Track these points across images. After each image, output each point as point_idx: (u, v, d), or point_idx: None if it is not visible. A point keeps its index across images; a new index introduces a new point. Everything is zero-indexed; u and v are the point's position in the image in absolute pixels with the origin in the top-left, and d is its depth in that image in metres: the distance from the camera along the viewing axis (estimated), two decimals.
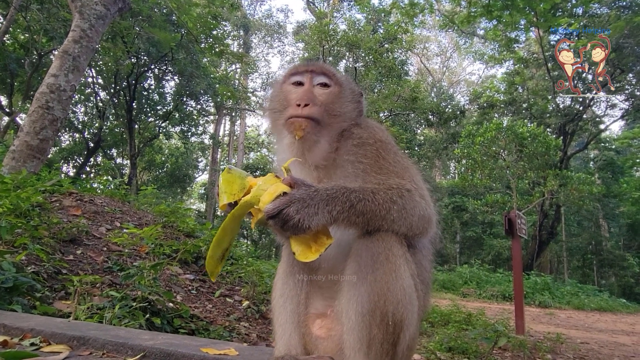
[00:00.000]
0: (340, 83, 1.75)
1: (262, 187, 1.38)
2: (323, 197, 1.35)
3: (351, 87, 1.82)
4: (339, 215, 1.35)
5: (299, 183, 1.37)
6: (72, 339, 1.88)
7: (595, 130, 25.88)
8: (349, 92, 1.77)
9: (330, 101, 1.68)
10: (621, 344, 7.78)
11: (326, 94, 1.69)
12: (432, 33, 43.52)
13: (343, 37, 23.74)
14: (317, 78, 1.72)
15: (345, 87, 1.76)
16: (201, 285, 5.01)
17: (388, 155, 1.62)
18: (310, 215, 1.31)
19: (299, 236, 1.35)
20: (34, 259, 3.66)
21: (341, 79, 1.79)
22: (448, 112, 29.58)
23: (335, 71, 1.81)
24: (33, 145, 7.06)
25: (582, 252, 30.28)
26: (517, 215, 7.67)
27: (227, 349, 1.87)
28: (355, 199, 1.38)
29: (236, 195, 1.43)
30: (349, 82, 1.84)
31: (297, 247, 1.37)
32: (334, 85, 1.72)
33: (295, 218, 1.29)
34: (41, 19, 15.57)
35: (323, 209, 1.33)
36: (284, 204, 1.30)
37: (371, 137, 1.65)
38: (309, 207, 1.31)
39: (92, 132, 25.25)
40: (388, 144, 1.68)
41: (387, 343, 1.36)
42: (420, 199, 1.51)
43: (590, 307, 16.70)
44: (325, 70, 1.75)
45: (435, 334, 6.02)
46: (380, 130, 1.75)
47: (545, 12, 13.60)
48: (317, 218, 1.32)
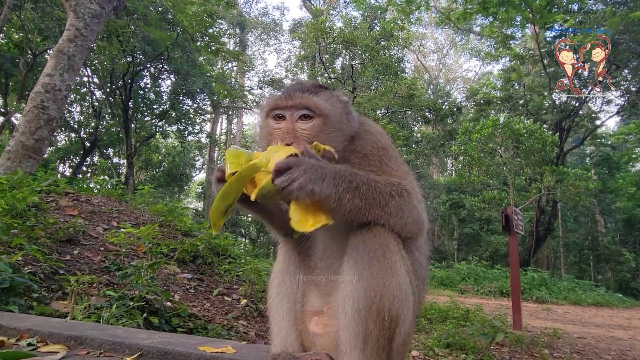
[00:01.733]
0: (324, 111, 1.62)
1: (272, 151, 1.38)
2: (331, 170, 1.35)
3: (337, 107, 1.69)
4: (344, 194, 1.35)
5: (309, 152, 1.38)
6: (69, 339, 1.88)
7: (591, 126, 25.96)
8: (335, 115, 1.66)
9: (314, 134, 1.59)
10: (617, 339, 7.84)
11: (309, 127, 1.60)
12: (428, 30, 43.58)
13: (339, 35, 23.70)
14: (297, 111, 1.61)
15: (330, 113, 1.64)
16: (199, 284, 5.01)
17: (390, 161, 1.65)
18: (316, 180, 1.30)
19: (300, 202, 1.33)
20: (30, 260, 3.65)
21: (324, 105, 1.64)
22: (445, 109, 29.61)
23: (318, 97, 1.65)
24: (29, 145, 7.03)
25: (579, 247, 30.43)
26: (514, 211, 7.71)
27: (225, 347, 1.88)
28: (360, 181, 1.39)
29: (243, 165, 1.42)
30: (333, 102, 1.69)
31: (295, 214, 1.34)
32: (317, 116, 1.61)
33: (301, 179, 1.28)
34: (35, 18, 15.48)
35: (330, 179, 1.33)
36: (293, 163, 1.30)
37: (374, 148, 1.66)
38: (317, 172, 1.31)
39: (88, 131, 25.14)
40: (389, 149, 1.70)
41: (382, 338, 1.37)
42: (417, 203, 1.53)
43: (587, 302, 16.82)
44: (306, 102, 1.61)
45: (434, 331, 6.04)
46: (381, 136, 1.74)
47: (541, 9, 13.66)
48: (323, 186, 1.31)
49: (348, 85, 24.19)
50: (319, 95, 1.66)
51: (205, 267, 5.57)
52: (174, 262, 4.90)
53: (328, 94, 1.71)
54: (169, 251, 4.90)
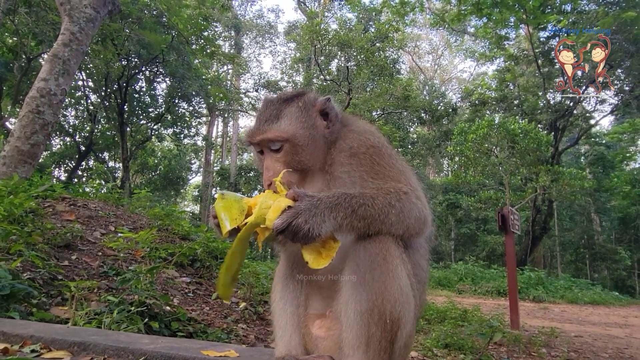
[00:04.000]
0: (289, 134, 1.60)
1: (264, 206, 1.40)
2: (327, 204, 1.38)
3: (305, 117, 1.66)
4: (343, 221, 1.39)
5: (301, 195, 1.39)
6: (72, 345, 1.88)
7: (586, 126, 26.13)
8: (304, 129, 1.63)
9: (290, 159, 1.61)
10: (614, 337, 7.89)
11: (282, 155, 1.61)
12: (423, 31, 43.76)
13: (334, 37, 23.75)
14: (269, 145, 1.63)
15: (296, 131, 1.62)
16: (198, 288, 5.01)
17: (382, 160, 1.62)
18: (318, 223, 1.34)
19: (309, 245, 1.39)
20: (29, 266, 3.64)
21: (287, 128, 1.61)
22: (440, 109, 29.76)
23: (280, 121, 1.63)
24: (24, 150, 7.00)
25: (575, 246, 30.59)
26: (510, 211, 7.74)
27: (228, 350, 1.88)
28: (356, 204, 1.41)
29: (237, 220, 1.44)
30: (299, 115, 1.66)
31: (308, 256, 1.40)
32: (284, 141, 1.61)
33: (304, 228, 1.33)
34: (30, 23, 15.41)
35: (329, 215, 1.36)
36: (291, 217, 1.33)
37: (362, 146, 1.63)
38: (315, 216, 1.35)
39: (83, 135, 25.04)
40: (380, 148, 1.65)
41: (385, 341, 1.39)
42: (416, 200, 1.54)
43: (584, 301, 16.90)
44: (268, 135, 1.61)
45: (432, 331, 6.06)
46: (371, 134, 1.71)
47: (534, 9, 13.76)
48: (325, 225, 1.35)
49: (344, 87, 24.24)
50: (282, 117, 1.65)
51: (204, 270, 5.55)
52: (172, 266, 4.90)
53: (294, 109, 1.67)
54: (167, 255, 4.90)
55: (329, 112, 1.72)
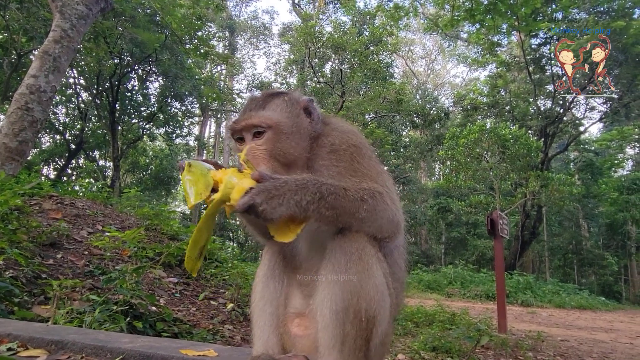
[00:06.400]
0: (273, 122, 1.63)
1: (229, 185, 1.39)
2: (291, 187, 1.36)
3: (290, 111, 1.69)
4: (308, 206, 1.36)
5: (265, 176, 1.38)
6: (50, 343, 1.86)
7: (575, 132, 26.47)
8: (288, 121, 1.66)
9: (270, 147, 1.62)
10: (600, 341, 7.97)
11: (263, 142, 1.62)
12: (416, 36, 44.09)
13: (329, 39, 23.82)
14: (250, 131, 1.65)
15: (280, 121, 1.64)
16: (185, 289, 4.97)
17: (362, 159, 1.62)
18: (277, 205, 1.33)
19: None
20: (12, 264, 3.59)
21: (272, 116, 1.64)
22: (433, 114, 29.93)
23: (265, 110, 1.66)
24: (12, 147, 6.91)
25: (563, 251, 30.88)
26: (499, 215, 7.81)
27: (207, 350, 1.88)
28: (326, 191, 1.40)
29: (203, 194, 1.43)
30: (283, 108, 1.69)
31: (274, 230, 1.39)
32: (268, 128, 1.62)
33: (263, 209, 1.31)
34: (20, 19, 15.24)
35: (290, 199, 1.34)
36: (250, 198, 1.32)
37: (344, 143, 1.64)
38: (274, 198, 1.33)
39: (73, 133, 24.75)
40: (361, 148, 1.66)
41: (360, 339, 1.40)
42: (390, 203, 1.54)
43: (571, 305, 17.06)
44: (253, 120, 1.63)
45: (420, 334, 6.09)
46: (353, 134, 1.72)
47: (526, 17, 13.93)
48: (283, 208, 1.33)
49: (337, 90, 24.30)
50: (267, 107, 1.67)
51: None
52: (159, 266, 4.86)
53: (279, 101, 1.71)
54: (154, 255, 4.85)
55: (312, 111, 1.74)
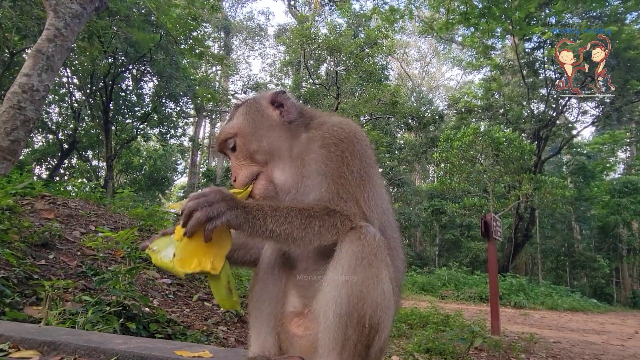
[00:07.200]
0: (235, 130, 1.68)
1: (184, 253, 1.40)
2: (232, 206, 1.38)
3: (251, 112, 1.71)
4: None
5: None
6: (42, 345, 1.83)
7: (568, 136, 26.71)
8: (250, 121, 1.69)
9: (245, 154, 1.65)
10: (591, 343, 8.03)
11: (238, 153, 1.67)
12: (412, 38, 44.27)
13: (324, 41, 23.84)
14: (226, 147, 1.71)
15: (241, 125, 1.68)
16: (179, 290, 4.94)
17: (353, 161, 1.52)
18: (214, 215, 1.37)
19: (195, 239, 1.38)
20: (3, 264, 3.55)
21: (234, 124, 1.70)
22: (427, 116, 30.03)
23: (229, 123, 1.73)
24: (3, 146, 6.82)
25: (556, 254, 31.11)
26: (492, 218, 7.85)
27: (202, 351, 1.86)
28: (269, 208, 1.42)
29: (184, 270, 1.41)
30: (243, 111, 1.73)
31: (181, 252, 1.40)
32: (234, 137, 1.67)
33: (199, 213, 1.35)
34: (13, 17, 15.08)
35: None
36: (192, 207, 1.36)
37: (333, 137, 1.56)
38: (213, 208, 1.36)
39: (66, 133, 24.53)
40: (354, 143, 1.56)
41: (361, 345, 1.37)
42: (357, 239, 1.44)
43: (563, 308, 17.18)
44: (221, 138, 1.71)
45: (414, 336, 6.10)
46: (346, 125, 1.63)
47: (520, 21, 14.04)
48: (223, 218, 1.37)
49: (332, 92, 24.32)
50: (232, 119, 1.75)
51: None
52: (153, 267, 4.82)
53: (242, 109, 1.75)
54: (148, 256, 4.81)
55: (284, 102, 1.73)
